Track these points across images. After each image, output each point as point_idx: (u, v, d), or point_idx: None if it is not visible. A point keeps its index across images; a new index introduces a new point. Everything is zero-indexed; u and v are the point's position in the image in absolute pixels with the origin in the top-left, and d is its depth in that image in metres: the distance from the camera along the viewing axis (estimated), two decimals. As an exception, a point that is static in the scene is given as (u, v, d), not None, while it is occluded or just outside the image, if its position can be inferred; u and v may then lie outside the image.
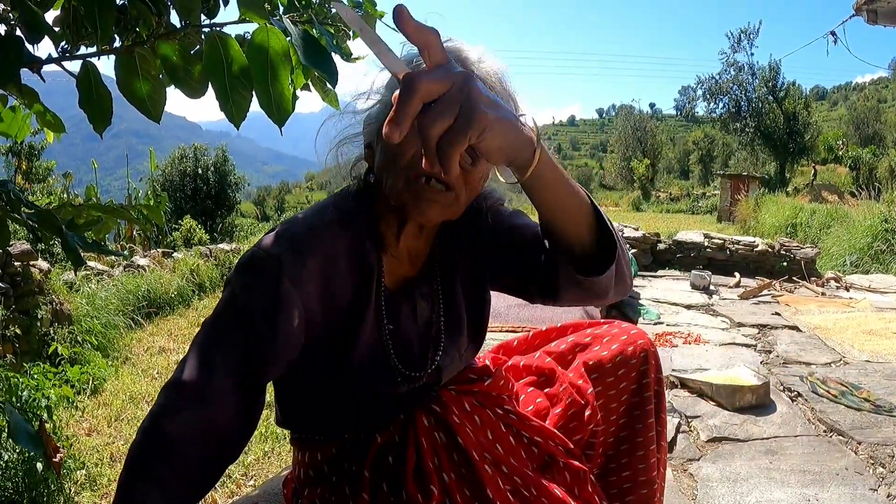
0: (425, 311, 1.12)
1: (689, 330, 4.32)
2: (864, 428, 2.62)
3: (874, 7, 6.08)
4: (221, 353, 0.93)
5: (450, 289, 1.15)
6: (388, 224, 1.06)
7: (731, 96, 31.09)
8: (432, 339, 1.12)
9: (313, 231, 0.99)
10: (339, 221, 1.02)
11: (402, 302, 1.10)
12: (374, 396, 1.07)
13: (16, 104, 1.46)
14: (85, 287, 5.30)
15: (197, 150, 15.27)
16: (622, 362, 1.30)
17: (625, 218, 17.76)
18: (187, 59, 1.16)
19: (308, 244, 0.97)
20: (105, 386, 3.84)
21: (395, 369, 1.07)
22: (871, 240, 8.09)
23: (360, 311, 1.03)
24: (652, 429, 1.32)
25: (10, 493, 2.22)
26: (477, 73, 0.96)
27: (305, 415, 1.12)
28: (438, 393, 1.14)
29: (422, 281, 1.13)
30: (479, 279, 1.19)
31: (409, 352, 1.09)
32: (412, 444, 1.07)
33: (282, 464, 2.70)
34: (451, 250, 1.16)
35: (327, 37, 1.08)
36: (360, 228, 1.03)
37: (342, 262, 1.01)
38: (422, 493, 1.02)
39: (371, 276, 1.04)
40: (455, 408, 1.13)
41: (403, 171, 0.95)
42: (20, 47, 1.01)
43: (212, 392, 0.91)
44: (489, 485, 1.06)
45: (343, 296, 1.02)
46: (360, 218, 1.04)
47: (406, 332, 1.09)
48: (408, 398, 1.10)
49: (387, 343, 1.06)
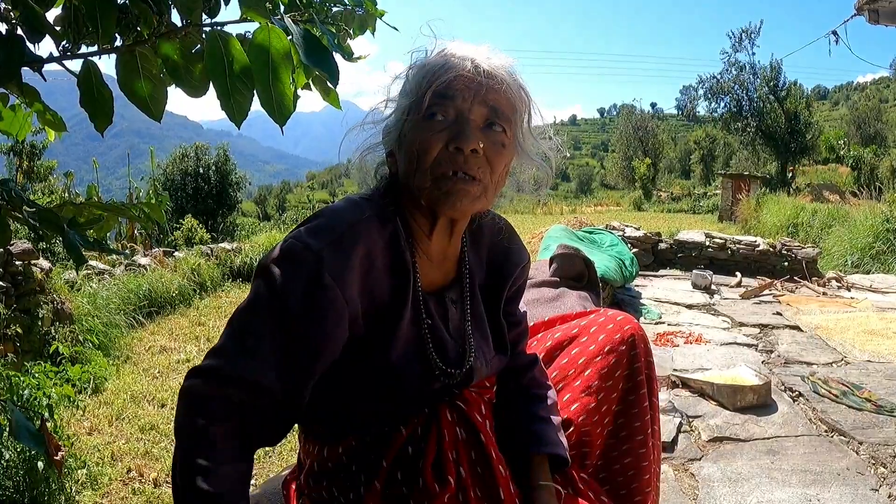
0: (456, 316, 1.14)
1: (691, 329, 4.32)
2: (866, 428, 2.62)
3: (876, 7, 6.07)
4: (258, 344, 0.93)
5: (474, 296, 1.18)
6: (418, 223, 1.08)
7: (733, 96, 31.00)
8: (463, 341, 1.14)
9: (354, 227, 0.99)
10: (377, 216, 1.03)
11: (436, 304, 1.12)
12: (408, 393, 1.08)
13: (17, 103, 1.46)
14: (86, 286, 5.31)
15: (198, 149, 15.27)
16: (611, 351, 1.31)
17: (626, 217, 17.74)
18: (188, 58, 1.16)
19: (349, 240, 0.98)
20: (106, 385, 3.84)
21: (434, 365, 1.08)
22: (872, 240, 8.07)
23: (398, 307, 1.05)
24: (647, 413, 1.34)
25: (10, 491, 2.22)
26: (487, 69, 0.99)
27: (332, 412, 1.11)
28: (462, 392, 1.15)
29: (452, 286, 1.16)
30: (497, 297, 1.23)
31: (444, 350, 1.10)
32: (434, 437, 1.07)
33: (283, 463, 2.70)
34: (476, 259, 1.20)
35: (329, 36, 1.08)
36: (395, 225, 1.05)
37: (380, 260, 1.02)
38: (438, 483, 1.03)
39: (408, 274, 1.06)
40: (477, 407, 1.15)
41: (429, 170, 0.99)
42: (21, 46, 1.01)
43: (249, 381, 0.92)
44: (502, 485, 1.07)
45: (381, 293, 1.03)
46: (395, 215, 1.06)
47: (440, 333, 1.11)
48: (436, 395, 1.11)
49: (426, 339, 1.08)
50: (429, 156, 0.99)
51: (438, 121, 0.99)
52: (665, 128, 56.24)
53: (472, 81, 0.99)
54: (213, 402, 0.92)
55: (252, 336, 0.94)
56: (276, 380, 0.92)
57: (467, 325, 1.15)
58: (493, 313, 1.22)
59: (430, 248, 1.09)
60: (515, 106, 1.04)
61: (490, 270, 1.22)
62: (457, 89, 0.98)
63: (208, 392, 0.92)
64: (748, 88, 30.61)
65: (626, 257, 5.58)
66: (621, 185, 46.34)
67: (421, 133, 0.99)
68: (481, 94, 0.99)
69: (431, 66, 1.00)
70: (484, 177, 1.01)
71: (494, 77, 1.00)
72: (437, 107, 0.99)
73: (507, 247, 1.24)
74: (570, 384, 1.32)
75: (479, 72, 0.99)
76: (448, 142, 0.98)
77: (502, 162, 1.03)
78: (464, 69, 0.98)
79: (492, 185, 1.04)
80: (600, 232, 6.53)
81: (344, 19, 1.49)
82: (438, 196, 1.00)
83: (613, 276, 4.93)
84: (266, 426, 0.95)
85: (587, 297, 3.84)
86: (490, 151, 1.00)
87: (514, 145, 1.07)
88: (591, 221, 10.82)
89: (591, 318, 1.40)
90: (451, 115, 0.99)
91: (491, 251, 1.22)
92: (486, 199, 1.04)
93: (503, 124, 1.02)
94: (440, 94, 0.98)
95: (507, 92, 1.02)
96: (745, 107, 30.54)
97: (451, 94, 0.98)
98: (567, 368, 1.34)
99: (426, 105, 0.99)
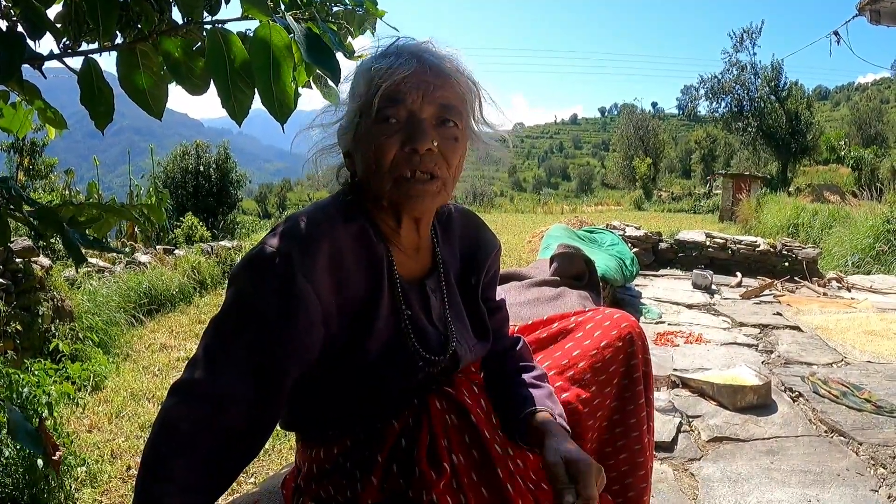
0: (436, 305, 1.15)
1: (691, 329, 4.31)
2: (866, 429, 2.62)
3: (877, 7, 6.07)
4: (233, 353, 0.94)
5: (450, 284, 1.20)
6: (384, 220, 1.09)
7: (734, 96, 31.00)
8: (445, 328, 1.15)
9: (318, 226, 1.01)
10: (341, 215, 1.05)
11: (417, 294, 1.13)
12: (393, 385, 1.08)
13: (17, 100, 1.46)
14: (86, 284, 5.30)
15: (199, 147, 15.24)
16: (607, 346, 1.32)
17: (627, 217, 17.75)
18: (189, 55, 1.15)
19: (315, 239, 0.99)
20: (106, 383, 3.84)
21: (415, 354, 1.09)
22: (872, 240, 8.07)
23: (374, 301, 1.05)
24: (643, 409, 1.35)
25: (10, 489, 2.22)
26: (433, 66, 1.02)
27: (320, 414, 1.12)
28: (450, 377, 1.16)
29: (430, 275, 1.17)
30: (473, 285, 1.24)
31: (425, 338, 1.11)
32: (426, 427, 1.08)
33: (282, 461, 2.70)
34: (449, 250, 1.22)
35: (330, 34, 1.08)
36: (362, 220, 1.06)
37: (350, 254, 1.03)
38: (435, 471, 1.03)
39: (381, 266, 1.07)
40: (465, 388, 1.16)
41: (388, 173, 1.01)
42: (22, 44, 1.01)
43: (223, 393, 0.92)
44: (500, 465, 1.08)
45: (356, 287, 1.04)
46: (361, 212, 1.07)
47: (421, 322, 1.12)
48: (423, 385, 1.12)
49: (406, 329, 1.09)
50: (385, 159, 1.00)
51: (391, 123, 1.00)
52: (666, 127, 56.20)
53: (419, 81, 1.00)
54: (183, 422, 0.91)
55: (226, 344, 0.94)
56: (251, 386, 0.93)
57: (447, 313, 1.16)
58: (471, 301, 1.23)
59: (401, 241, 1.11)
60: (465, 98, 1.06)
61: (464, 260, 1.24)
62: (405, 91, 0.99)
63: (181, 414, 0.92)
64: (749, 88, 30.62)
65: (626, 257, 5.57)
66: (622, 184, 46.34)
67: (375, 137, 1.01)
68: (430, 93, 1.01)
69: (378, 68, 1.01)
70: (441, 172, 1.03)
71: (441, 73, 1.02)
72: (389, 109, 1.00)
73: (477, 236, 1.27)
74: (563, 374, 1.33)
75: (425, 70, 1.01)
76: (403, 143, 1.00)
77: (457, 155, 1.05)
78: (410, 69, 0.99)
79: (450, 178, 1.06)
80: (601, 231, 6.53)
81: (345, 18, 1.49)
82: (400, 198, 1.02)
83: (614, 276, 4.92)
84: (238, 442, 0.94)
85: (588, 296, 3.84)
86: (444, 147, 1.02)
87: (467, 136, 1.09)
88: (592, 221, 10.82)
89: (588, 316, 1.40)
90: (402, 116, 1.00)
91: (462, 241, 1.25)
92: (447, 193, 1.07)
93: (454, 119, 1.04)
94: (389, 97, 1.00)
95: (455, 86, 1.04)
96: (746, 107, 30.55)
97: (401, 96, 1.00)
98: (560, 359, 1.35)
99: (376, 108, 1.00)
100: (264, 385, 0.94)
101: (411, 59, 1.00)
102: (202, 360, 0.94)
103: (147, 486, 0.88)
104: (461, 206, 1.29)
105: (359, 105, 1.03)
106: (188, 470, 0.89)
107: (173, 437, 0.90)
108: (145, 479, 0.89)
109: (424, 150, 0.99)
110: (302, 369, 0.99)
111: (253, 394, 0.93)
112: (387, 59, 1.01)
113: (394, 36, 1.07)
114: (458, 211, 1.26)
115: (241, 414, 0.93)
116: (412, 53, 1.01)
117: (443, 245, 1.20)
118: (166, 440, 0.91)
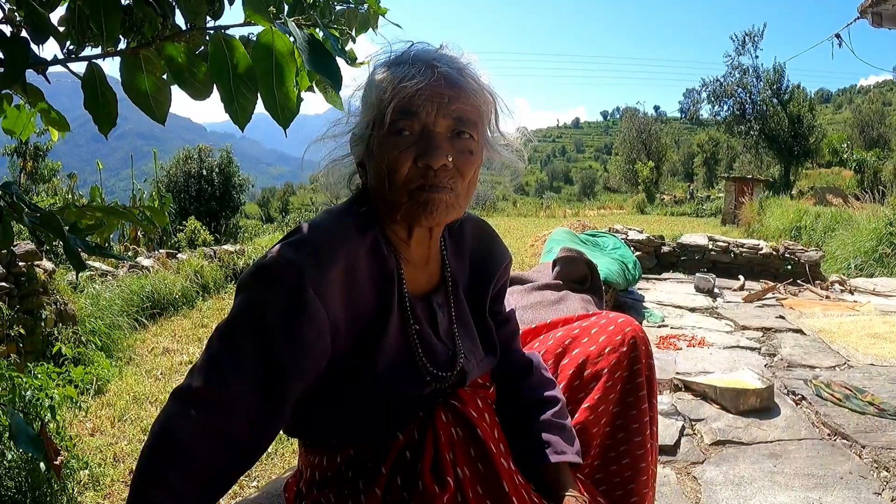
0: (444, 320, 1.15)
1: (693, 333, 4.31)
2: (869, 432, 2.61)
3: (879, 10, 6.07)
4: (237, 362, 0.92)
5: (459, 299, 1.18)
6: (396, 232, 1.08)
7: (736, 99, 30.98)
8: (453, 344, 1.14)
9: (334, 239, 0.99)
10: (356, 227, 1.03)
11: (424, 308, 1.12)
12: (400, 400, 1.07)
13: (21, 103, 1.47)
14: (89, 287, 5.31)
15: (201, 151, 15.29)
16: (612, 352, 1.31)
17: (629, 220, 17.73)
18: (192, 60, 1.16)
19: (329, 252, 0.97)
20: (109, 386, 3.85)
21: (423, 369, 1.08)
22: (875, 243, 8.06)
23: (384, 316, 1.04)
24: (646, 414, 1.33)
25: (13, 492, 2.22)
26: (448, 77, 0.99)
27: (324, 424, 1.11)
28: (456, 391, 1.15)
29: (438, 290, 1.16)
30: (482, 299, 1.23)
31: (433, 354, 1.10)
32: (430, 439, 1.07)
33: (285, 465, 2.70)
34: (459, 263, 1.20)
35: (332, 40, 1.08)
36: (376, 233, 1.05)
37: (363, 269, 1.02)
38: (438, 485, 1.03)
39: (392, 281, 1.05)
40: (471, 402, 1.15)
41: (402, 187, 0.99)
42: (26, 48, 1.01)
43: (226, 402, 0.91)
44: (506, 479, 1.07)
45: (366, 302, 1.03)
46: (374, 224, 1.06)
47: (429, 337, 1.11)
48: (430, 399, 1.11)
49: (414, 344, 1.08)
50: (399, 174, 0.98)
51: (405, 136, 0.98)
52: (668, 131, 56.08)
53: (433, 93, 0.97)
54: (181, 432, 0.90)
55: (231, 353, 0.93)
56: (254, 396, 0.92)
57: (454, 328, 1.15)
58: (479, 315, 1.22)
59: (411, 253, 1.09)
60: (480, 109, 1.04)
61: (474, 273, 1.23)
62: (419, 103, 0.97)
63: (180, 423, 0.91)
64: (751, 92, 30.60)
65: (628, 260, 5.57)
66: (624, 188, 46.26)
67: (389, 150, 0.98)
68: (444, 105, 0.98)
69: (391, 77, 0.98)
70: (456, 185, 1.01)
71: (456, 84, 0.99)
72: (402, 122, 0.98)
73: (489, 248, 1.25)
74: (570, 384, 1.33)
75: (439, 81, 0.97)
76: (416, 158, 0.98)
77: (472, 168, 1.03)
78: (424, 80, 0.96)
79: (464, 191, 1.04)
80: (603, 235, 6.53)
81: (347, 17, 1.49)
82: (414, 209, 1.00)
83: (616, 280, 4.92)
84: (236, 453, 0.94)
85: (590, 300, 3.84)
86: (459, 161, 1.00)
87: (482, 147, 1.07)
88: (595, 224, 10.80)
89: (592, 320, 1.40)
90: (416, 129, 0.98)
91: (474, 254, 1.23)
92: (460, 207, 1.04)
93: (470, 131, 1.02)
94: (403, 109, 0.97)
95: (471, 97, 1.01)
96: (749, 110, 30.53)
97: (414, 109, 0.97)
98: (567, 368, 1.35)
99: (390, 121, 0.98)
100: (267, 396, 0.93)
101: (425, 69, 0.97)
102: (206, 366, 0.93)
103: (141, 492, 0.88)
104: (475, 216, 1.26)
105: (372, 116, 1.01)
106: (183, 480, 0.89)
107: (171, 445, 0.90)
108: (140, 485, 0.89)
109: (439, 165, 0.97)
110: (307, 382, 0.98)
111: (255, 404, 0.92)
112: (400, 67, 0.99)
113: (407, 41, 1.04)
114: (471, 221, 1.24)
115: (242, 423, 0.92)
116: (426, 62, 0.98)
117: (452, 258, 1.19)
118: (163, 448, 0.90)
